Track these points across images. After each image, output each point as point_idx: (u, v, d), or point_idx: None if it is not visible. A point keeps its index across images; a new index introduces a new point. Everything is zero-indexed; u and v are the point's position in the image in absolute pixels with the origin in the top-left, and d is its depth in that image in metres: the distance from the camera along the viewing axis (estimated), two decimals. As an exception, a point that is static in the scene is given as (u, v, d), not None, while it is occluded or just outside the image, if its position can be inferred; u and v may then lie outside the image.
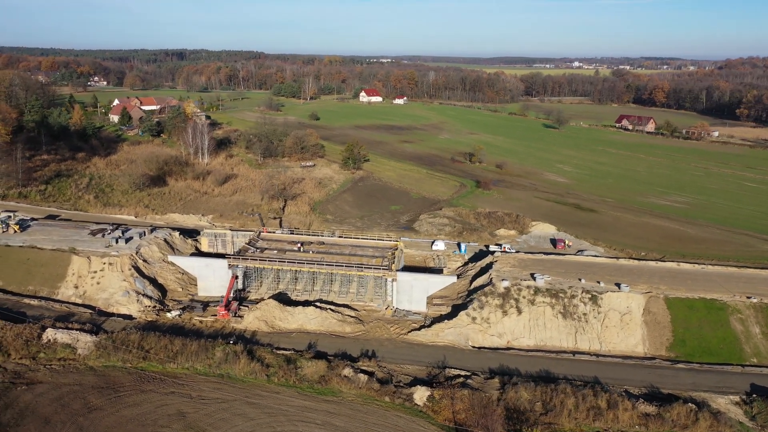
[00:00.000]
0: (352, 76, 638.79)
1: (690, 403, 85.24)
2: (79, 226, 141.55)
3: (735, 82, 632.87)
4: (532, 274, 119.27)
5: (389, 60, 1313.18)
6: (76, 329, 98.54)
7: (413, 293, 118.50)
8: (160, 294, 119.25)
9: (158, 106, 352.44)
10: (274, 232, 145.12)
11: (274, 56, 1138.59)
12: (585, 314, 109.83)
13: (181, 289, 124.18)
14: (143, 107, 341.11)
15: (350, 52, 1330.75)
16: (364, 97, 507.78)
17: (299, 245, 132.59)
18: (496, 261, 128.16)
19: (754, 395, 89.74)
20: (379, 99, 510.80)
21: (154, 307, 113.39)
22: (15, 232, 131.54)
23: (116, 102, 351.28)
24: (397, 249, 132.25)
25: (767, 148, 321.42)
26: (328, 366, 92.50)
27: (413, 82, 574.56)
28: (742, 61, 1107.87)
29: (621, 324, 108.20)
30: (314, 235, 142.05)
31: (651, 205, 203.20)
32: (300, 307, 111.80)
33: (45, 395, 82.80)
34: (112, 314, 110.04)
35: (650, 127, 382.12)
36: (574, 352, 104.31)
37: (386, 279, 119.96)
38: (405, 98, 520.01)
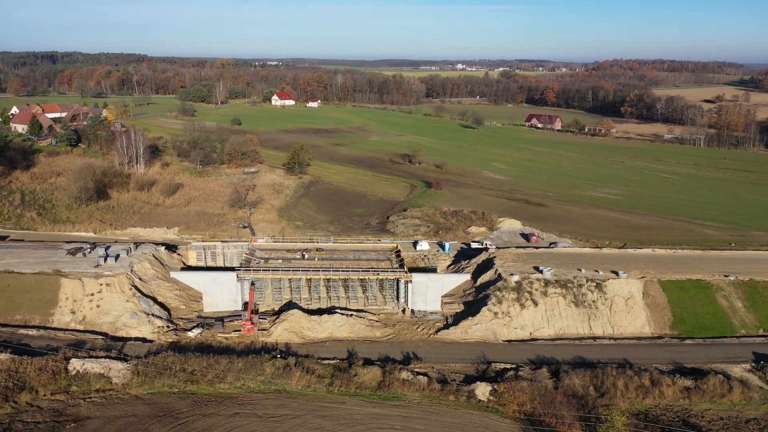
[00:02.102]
0: (257, 79, 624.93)
1: (720, 375, 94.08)
2: (50, 246, 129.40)
3: (614, 82, 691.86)
4: (536, 267, 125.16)
5: (277, 62, 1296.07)
6: (103, 357, 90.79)
7: (428, 293, 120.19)
8: (167, 313, 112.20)
9: (63, 113, 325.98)
10: (256, 241, 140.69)
11: (159, 59, 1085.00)
12: (594, 301, 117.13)
13: (183, 307, 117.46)
14: (47, 115, 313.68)
15: (235, 55, 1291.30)
16: (276, 100, 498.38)
17: (302, 253, 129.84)
18: (494, 257, 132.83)
19: (762, 362, 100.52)
20: (292, 102, 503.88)
21: (168, 327, 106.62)
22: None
23: (15, 110, 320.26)
24: (398, 251, 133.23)
25: (665, 143, 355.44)
26: (383, 371, 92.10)
27: (323, 85, 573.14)
28: (609, 63, 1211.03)
29: (627, 308, 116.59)
30: (310, 242, 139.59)
31: (589, 197, 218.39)
32: (326, 316, 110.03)
33: (101, 431, 75.86)
34: (126, 338, 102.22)
35: (557, 125, 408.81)
36: (594, 338, 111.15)
37: (401, 281, 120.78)
38: (319, 101, 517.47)
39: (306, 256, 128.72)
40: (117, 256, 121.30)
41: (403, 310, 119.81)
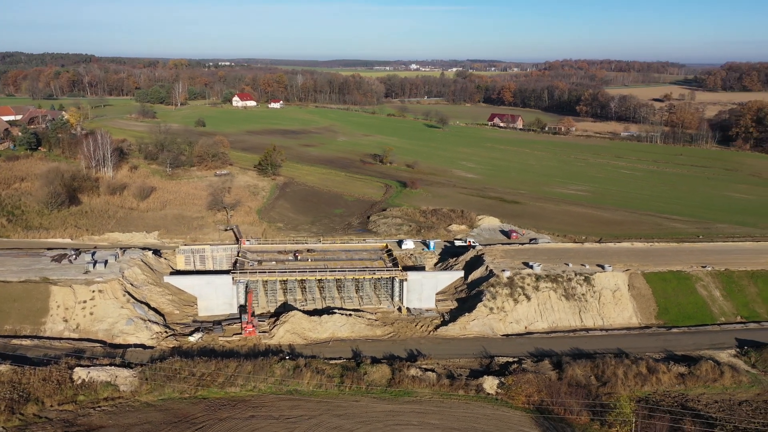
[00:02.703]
0: (214, 80, 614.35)
1: (710, 360, 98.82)
2: (32, 253, 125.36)
3: (567, 82, 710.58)
4: (525, 263, 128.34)
5: (230, 63, 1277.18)
6: (107, 364, 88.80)
7: (423, 291, 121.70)
8: (162, 318, 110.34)
9: (18, 116, 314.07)
10: (245, 243, 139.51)
11: (107, 59, 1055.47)
12: (583, 294, 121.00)
13: (177, 311, 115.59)
14: (2, 117, 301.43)
15: (183, 55, 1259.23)
16: (237, 101, 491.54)
17: (295, 254, 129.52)
18: (483, 254, 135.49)
19: (746, 347, 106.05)
20: (253, 103, 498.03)
21: (166, 332, 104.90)
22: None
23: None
24: (389, 250, 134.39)
25: (623, 140, 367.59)
26: (392, 369, 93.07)
27: (283, 85, 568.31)
28: (560, 63, 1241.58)
29: (614, 300, 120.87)
30: (299, 243, 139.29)
31: (559, 194, 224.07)
32: (326, 316, 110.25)
33: (118, 440, 74.45)
34: (124, 345, 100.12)
35: (519, 124, 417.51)
36: (586, 330, 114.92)
37: (395, 279, 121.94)
38: (281, 102, 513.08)
39: (299, 257, 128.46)
40: (105, 262, 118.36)
41: (399, 309, 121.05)
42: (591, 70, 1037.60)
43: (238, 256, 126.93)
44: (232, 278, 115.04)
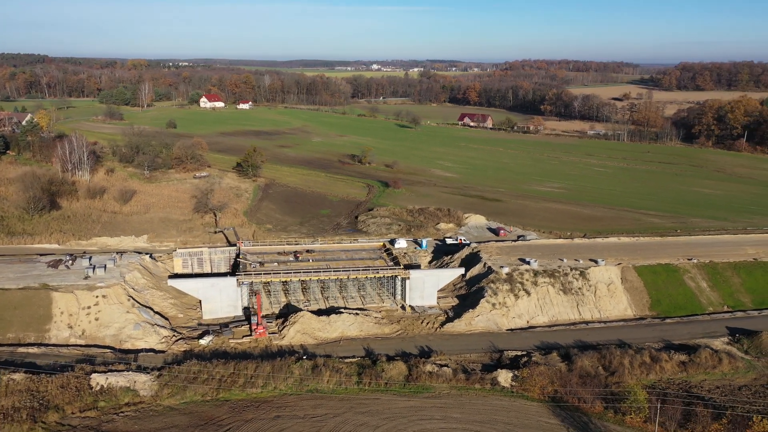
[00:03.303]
0: (179, 80, 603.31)
1: (708, 348, 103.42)
2: (25, 259, 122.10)
3: (530, 82, 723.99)
4: (521, 259, 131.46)
5: (189, 63, 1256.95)
6: (123, 370, 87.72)
7: (425, 289, 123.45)
8: (168, 322, 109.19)
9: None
10: (242, 245, 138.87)
11: (61, 60, 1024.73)
12: (580, 288, 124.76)
13: (181, 315, 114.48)
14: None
15: (137, 55, 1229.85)
16: (205, 102, 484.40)
17: (295, 255, 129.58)
18: (479, 251, 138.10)
19: (737, 335, 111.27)
20: (221, 104, 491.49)
21: (174, 336, 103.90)
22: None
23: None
24: (387, 249, 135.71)
25: (592, 139, 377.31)
26: (408, 365, 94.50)
27: (251, 86, 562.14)
28: (520, 63, 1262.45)
29: (609, 293, 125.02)
30: (296, 244, 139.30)
31: (537, 191, 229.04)
32: (335, 315, 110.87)
33: (147, 444, 73.87)
34: (134, 350, 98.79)
35: (489, 123, 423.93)
36: (585, 322, 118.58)
37: (398, 278, 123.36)
38: (250, 103, 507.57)
39: (300, 258, 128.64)
40: (105, 267, 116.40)
41: (402, 307, 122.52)
42: (551, 70, 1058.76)
43: (237, 258, 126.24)
44: (237, 280, 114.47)
